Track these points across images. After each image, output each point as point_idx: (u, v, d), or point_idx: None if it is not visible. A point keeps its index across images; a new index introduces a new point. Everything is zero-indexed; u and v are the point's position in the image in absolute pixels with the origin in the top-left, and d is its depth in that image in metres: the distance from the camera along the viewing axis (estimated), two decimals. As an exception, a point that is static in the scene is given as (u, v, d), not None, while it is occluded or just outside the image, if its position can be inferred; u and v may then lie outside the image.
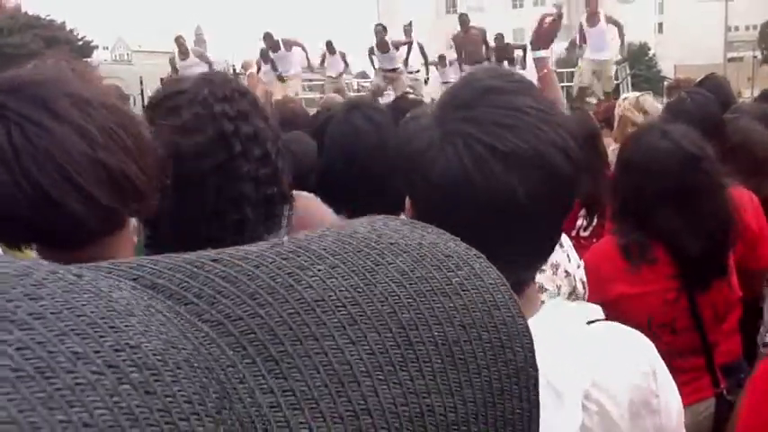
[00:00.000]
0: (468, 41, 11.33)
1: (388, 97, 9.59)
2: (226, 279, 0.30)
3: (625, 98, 3.57)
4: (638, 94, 3.64)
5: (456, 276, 0.35)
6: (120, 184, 0.89)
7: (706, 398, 1.78)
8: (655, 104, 3.37)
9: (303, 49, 11.88)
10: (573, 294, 1.44)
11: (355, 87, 16.44)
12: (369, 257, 0.33)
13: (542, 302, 0.93)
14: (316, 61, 12.49)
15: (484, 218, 0.80)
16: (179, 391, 0.23)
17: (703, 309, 1.77)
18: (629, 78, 13.10)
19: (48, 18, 30.37)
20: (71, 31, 30.83)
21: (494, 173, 0.79)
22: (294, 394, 0.28)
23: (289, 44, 11.61)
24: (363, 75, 19.77)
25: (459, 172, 0.80)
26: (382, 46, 11.31)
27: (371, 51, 11.59)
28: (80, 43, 30.38)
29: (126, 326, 0.24)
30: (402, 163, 0.90)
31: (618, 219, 1.82)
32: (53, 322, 0.21)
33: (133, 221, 1.19)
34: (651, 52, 43.09)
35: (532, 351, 0.37)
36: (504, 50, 11.59)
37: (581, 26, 10.30)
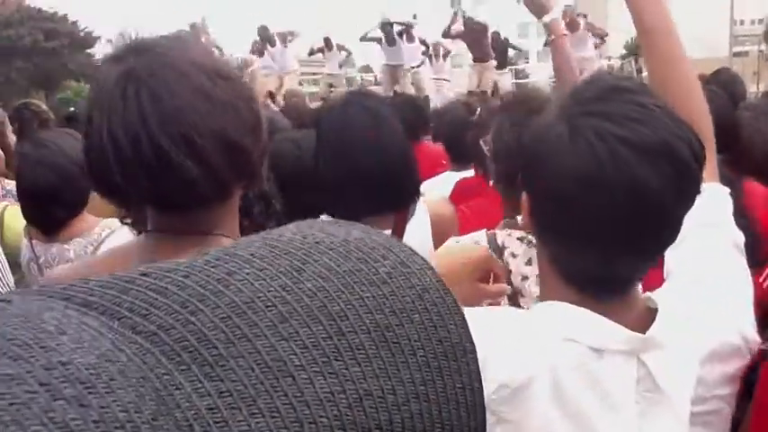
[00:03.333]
0: (471, 39, 11.58)
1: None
2: (156, 291, 0.31)
3: None
4: None
5: (383, 266, 0.37)
6: (236, 156, 0.91)
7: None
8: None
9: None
10: None
11: (359, 82, 16.33)
12: (295, 257, 0.35)
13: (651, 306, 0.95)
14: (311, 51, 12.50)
15: (615, 210, 0.82)
16: (114, 401, 0.24)
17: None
18: (635, 73, 13.38)
19: (50, 10, 29.98)
20: (73, 23, 30.39)
21: (627, 163, 0.81)
22: (231, 395, 0.30)
23: (284, 37, 11.59)
24: (367, 69, 19.55)
25: (593, 163, 0.82)
26: (390, 40, 11.49)
27: (379, 42, 11.75)
28: (82, 35, 29.98)
29: (57, 344, 0.25)
30: (526, 160, 0.92)
31: None
32: None
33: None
34: (657, 46, 43.23)
35: (466, 327, 0.39)
36: (502, 51, 11.94)
37: None
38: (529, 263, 1.51)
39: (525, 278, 1.53)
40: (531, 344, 0.89)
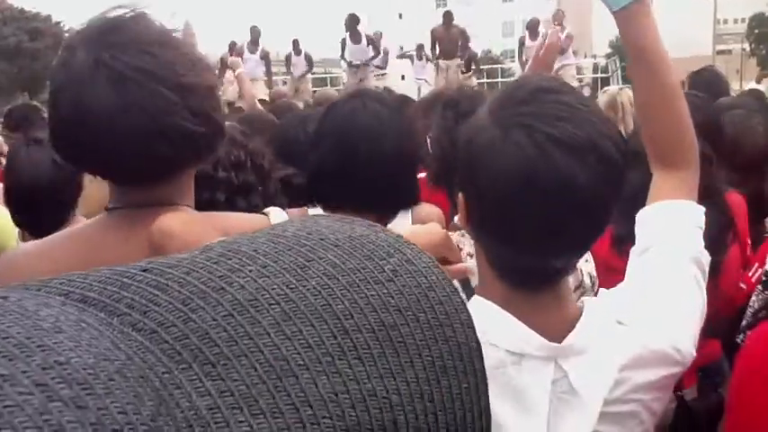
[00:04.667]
0: (446, 38, 11.47)
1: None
2: (157, 287, 0.30)
3: (604, 92, 3.59)
4: (615, 88, 3.67)
5: (388, 264, 0.36)
6: (207, 119, 0.97)
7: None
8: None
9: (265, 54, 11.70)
10: (580, 288, 1.50)
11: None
12: (300, 254, 0.34)
13: (580, 300, 1.00)
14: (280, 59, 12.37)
15: (547, 207, 0.86)
16: (112, 402, 0.23)
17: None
18: (619, 71, 13.35)
19: (33, 11, 29.63)
20: (57, 23, 30.03)
21: (557, 160, 0.84)
22: (232, 394, 0.29)
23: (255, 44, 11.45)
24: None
25: (524, 164, 0.85)
26: (354, 36, 11.32)
27: (343, 43, 11.53)
28: (66, 35, 29.68)
29: (54, 343, 0.24)
30: (460, 161, 0.95)
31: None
32: None
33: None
34: (641, 45, 43.31)
35: (472, 326, 0.38)
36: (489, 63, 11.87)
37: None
38: None
39: None
40: None
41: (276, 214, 0.91)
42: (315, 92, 10.03)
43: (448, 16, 11.75)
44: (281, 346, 0.30)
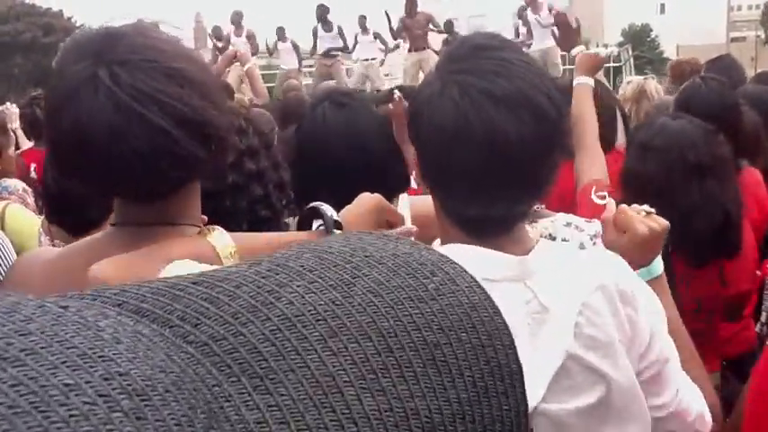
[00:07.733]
0: (413, 26, 10.76)
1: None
2: (208, 300, 0.30)
3: (629, 82, 3.57)
4: (640, 78, 3.63)
5: (431, 282, 0.36)
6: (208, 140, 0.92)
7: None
8: (659, 88, 3.39)
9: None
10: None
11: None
12: (345, 271, 0.34)
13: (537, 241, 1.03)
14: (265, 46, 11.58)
15: (481, 157, 0.90)
16: (169, 414, 0.24)
17: (684, 301, 1.77)
18: (631, 60, 13.17)
19: (44, 7, 29.74)
20: (68, 19, 30.09)
21: (488, 114, 0.89)
22: (280, 409, 0.29)
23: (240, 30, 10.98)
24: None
25: (459, 115, 0.90)
26: (325, 23, 10.82)
27: (315, 32, 10.95)
28: (77, 30, 29.70)
29: (114, 354, 0.24)
30: (409, 117, 1.01)
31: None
32: (44, 356, 0.22)
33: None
34: (653, 33, 42.81)
35: (513, 348, 0.38)
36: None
37: (525, 17, 10.27)
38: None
39: None
40: None
41: (217, 237, 0.92)
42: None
43: (410, 3, 10.72)
44: (327, 362, 0.31)
